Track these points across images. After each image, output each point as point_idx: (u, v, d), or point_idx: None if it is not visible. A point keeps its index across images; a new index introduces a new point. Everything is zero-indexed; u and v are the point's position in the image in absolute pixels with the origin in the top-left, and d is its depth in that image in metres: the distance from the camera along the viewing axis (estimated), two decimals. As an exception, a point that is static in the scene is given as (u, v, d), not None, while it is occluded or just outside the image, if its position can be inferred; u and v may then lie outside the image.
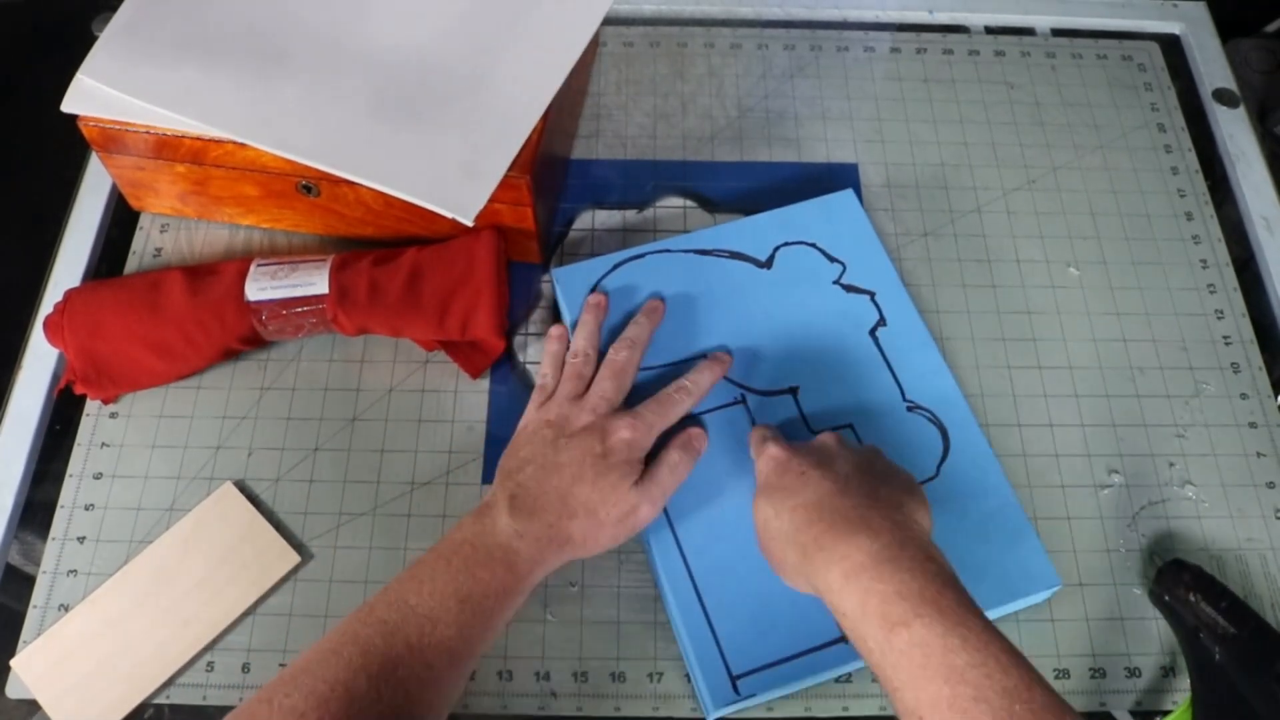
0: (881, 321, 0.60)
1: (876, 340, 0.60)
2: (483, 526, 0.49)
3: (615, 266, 0.61)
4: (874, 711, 0.53)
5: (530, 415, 0.55)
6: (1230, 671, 0.50)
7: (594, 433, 0.52)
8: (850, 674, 0.53)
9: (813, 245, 0.63)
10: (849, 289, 0.61)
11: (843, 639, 0.50)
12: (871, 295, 0.61)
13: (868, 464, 0.50)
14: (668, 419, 0.54)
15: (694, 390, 0.55)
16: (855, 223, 0.64)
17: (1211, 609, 0.51)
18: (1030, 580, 0.53)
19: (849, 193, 0.65)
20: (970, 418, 0.57)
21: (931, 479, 0.55)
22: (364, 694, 0.42)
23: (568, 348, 0.57)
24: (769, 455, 0.51)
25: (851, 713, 0.53)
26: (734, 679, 0.50)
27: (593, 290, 0.60)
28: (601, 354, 0.57)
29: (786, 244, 0.63)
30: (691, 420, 0.56)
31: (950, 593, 0.42)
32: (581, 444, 0.51)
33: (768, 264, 0.62)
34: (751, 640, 0.51)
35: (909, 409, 0.58)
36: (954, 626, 0.40)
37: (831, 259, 0.62)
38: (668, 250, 0.62)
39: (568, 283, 0.61)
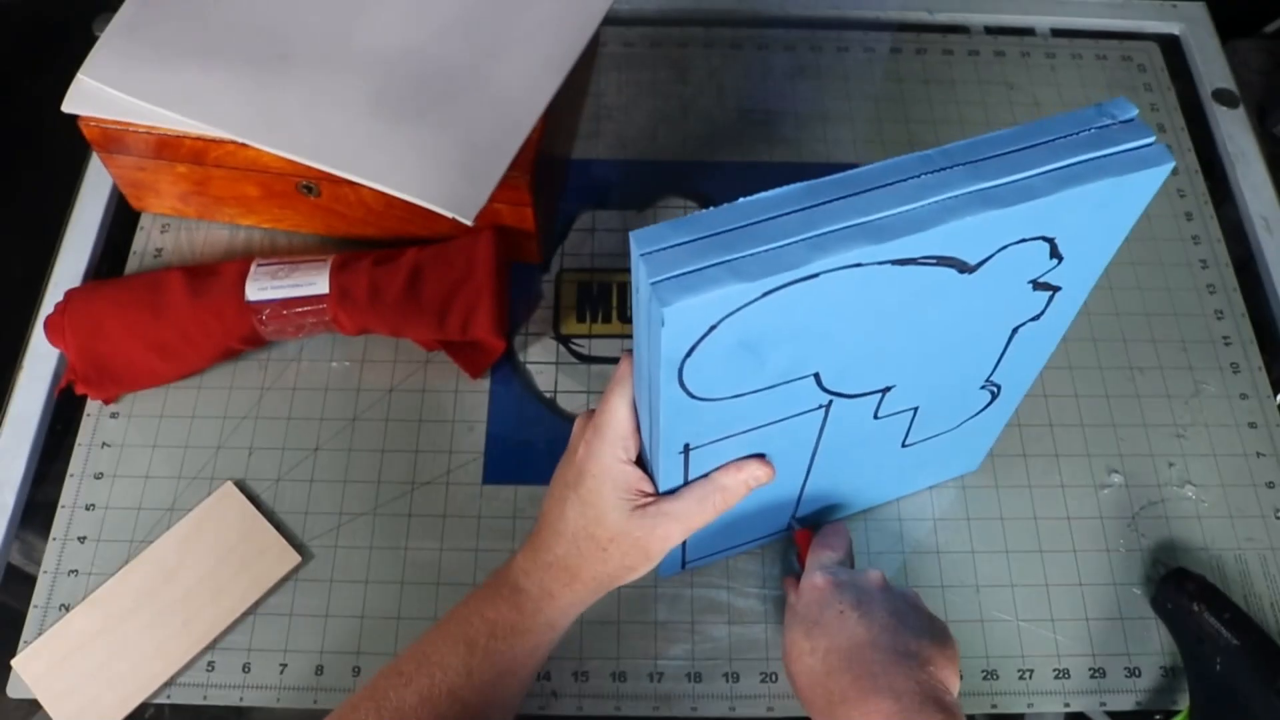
0: (1035, 317, 0.45)
1: (1013, 335, 0.46)
2: (497, 574, 0.48)
3: (766, 294, 0.34)
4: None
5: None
6: (1231, 683, 0.50)
7: (568, 456, 0.48)
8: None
9: (1049, 240, 0.39)
10: (1037, 286, 0.43)
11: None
12: (1055, 292, 0.44)
13: (904, 614, 0.49)
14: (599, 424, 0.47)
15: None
16: (1126, 214, 0.40)
17: (1214, 619, 0.51)
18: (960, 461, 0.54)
19: (1160, 171, 0.37)
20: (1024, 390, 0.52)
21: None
22: None
23: None
24: (813, 584, 0.50)
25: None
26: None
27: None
28: None
29: (1018, 241, 0.39)
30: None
31: None
32: (560, 470, 0.48)
33: (975, 268, 0.39)
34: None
35: (981, 386, 0.50)
36: None
37: (1054, 254, 0.40)
38: (857, 264, 0.35)
39: (678, 321, 0.34)
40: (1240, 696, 0.49)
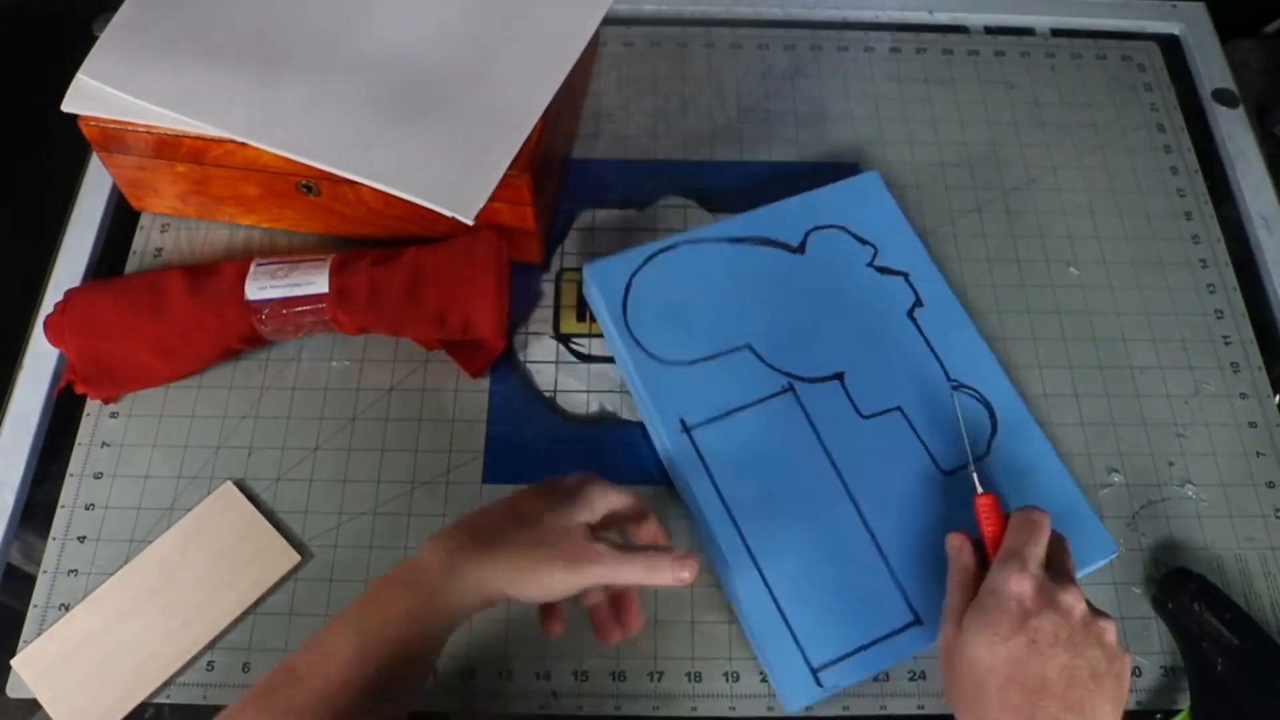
0: (918, 302, 0.61)
1: (915, 321, 0.60)
2: (401, 564, 0.46)
3: (648, 259, 0.61)
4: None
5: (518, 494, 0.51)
6: (1231, 683, 0.50)
7: (550, 498, 0.49)
8: (888, 671, 0.53)
9: (843, 228, 0.63)
10: (883, 271, 0.62)
11: (915, 623, 0.52)
12: (905, 276, 0.62)
13: (1099, 672, 0.45)
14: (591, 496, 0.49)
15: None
16: (883, 205, 0.64)
17: (1215, 620, 0.51)
18: (1089, 549, 0.54)
19: (874, 175, 0.65)
20: (1013, 394, 0.58)
21: (984, 457, 0.56)
22: None
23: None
24: (1015, 591, 0.46)
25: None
26: (815, 671, 0.50)
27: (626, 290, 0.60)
28: None
29: (817, 228, 0.63)
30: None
31: None
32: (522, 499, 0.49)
33: (800, 249, 0.62)
34: (827, 632, 0.51)
35: (955, 388, 0.58)
36: None
37: (863, 241, 0.62)
38: (700, 240, 0.62)
39: (601, 278, 0.60)
40: (1241, 696, 0.49)
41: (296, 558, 0.55)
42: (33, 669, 0.52)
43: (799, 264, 0.61)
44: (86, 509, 0.57)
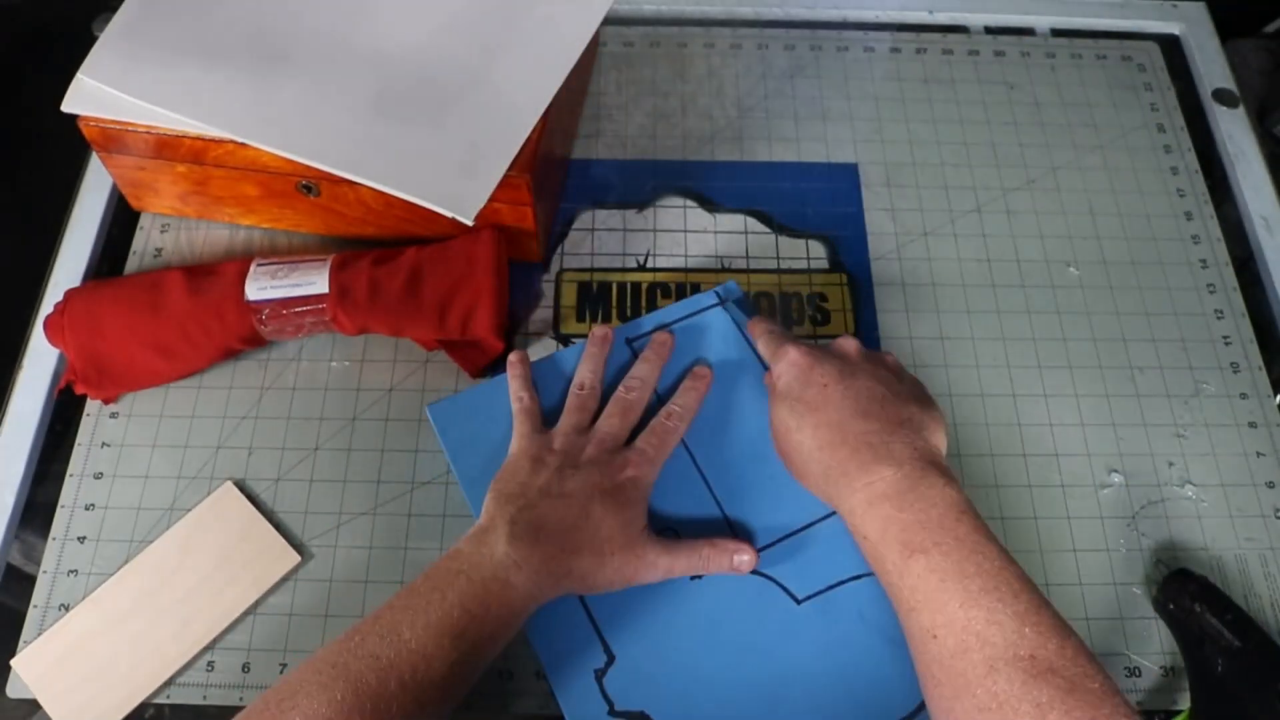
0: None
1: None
2: (480, 555, 0.47)
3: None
4: None
5: (528, 440, 0.53)
6: (1232, 685, 0.50)
7: (601, 467, 0.51)
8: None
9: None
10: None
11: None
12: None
13: (889, 380, 0.50)
14: (667, 449, 0.54)
15: (684, 414, 0.55)
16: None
17: (1216, 621, 0.51)
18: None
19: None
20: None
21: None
22: None
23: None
24: (790, 360, 0.51)
25: None
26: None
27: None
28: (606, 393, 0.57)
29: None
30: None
31: (967, 520, 0.44)
32: (589, 477, 0.50)
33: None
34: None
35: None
36: (970, 554, 0.43)
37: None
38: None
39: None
40: (1241, 698, 0.49)
41: (296, 558, 0.55)
42: (33, 669, 0.52)
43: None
44: (86, 509, 0.57)
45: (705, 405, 0.57)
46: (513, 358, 0.58)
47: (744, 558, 0.51)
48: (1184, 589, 0.53)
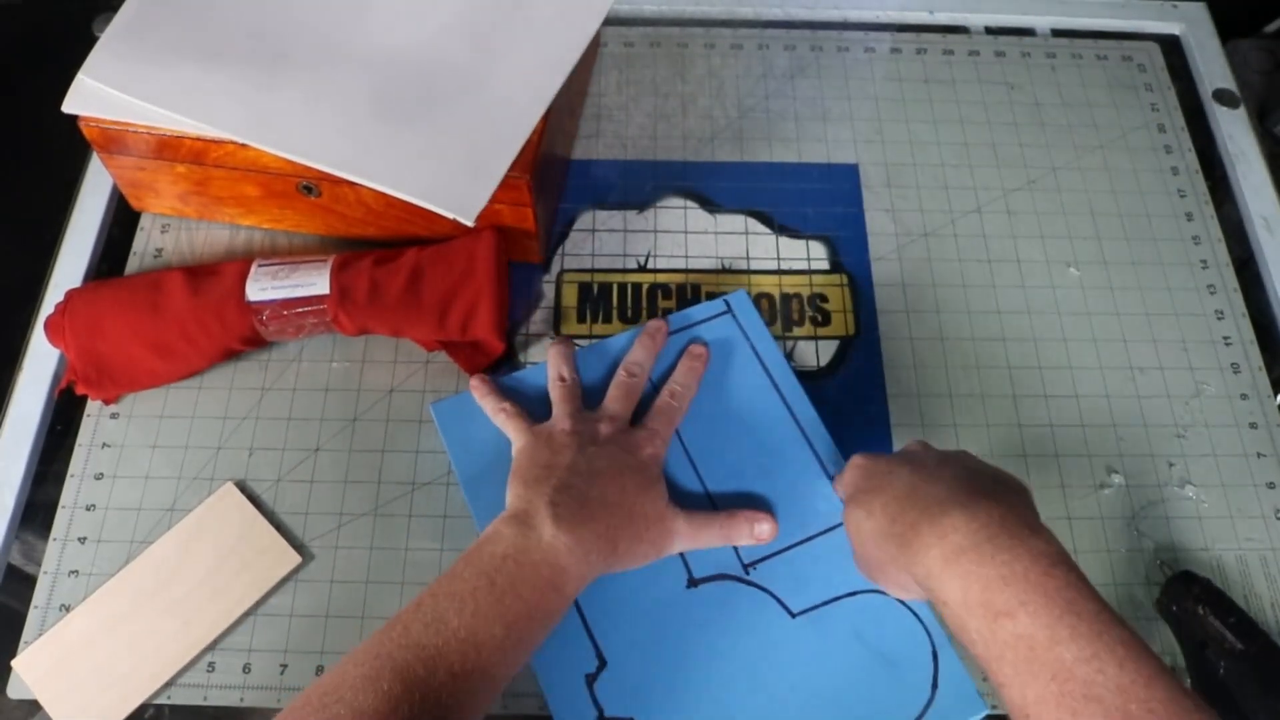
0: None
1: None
2: (526, 540, 0.45)
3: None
4: None
5: (536, 428, 0.53)
6: (1234, 687, 0.50)
7: (622, 444, 0.51)
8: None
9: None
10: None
11: None
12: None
13: (957, 457, 0.46)
14: (673, 428, 0.55)
15: (685, 393, 0.56)
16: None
17: (1220, 624, 0.51)
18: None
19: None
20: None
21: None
22: None
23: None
24: (854, 463, 0.49)
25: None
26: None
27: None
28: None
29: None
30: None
31: (1059, 573, 0.38)
32: (614, 455, 0.50)
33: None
34: None
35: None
36: (1062, 615, 0.37)
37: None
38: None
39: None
40: (1243, 701, 0.49)
41: (297, 559, 0.55)
42: (33, 670, 0.52)
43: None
44: (87, 510, 0.57)
45: (709, 416, 0.57)
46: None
47: (764, 527, 0.52)
48: (1188, 591, 0.53)
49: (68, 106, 0.57)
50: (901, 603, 0.51)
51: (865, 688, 0.50)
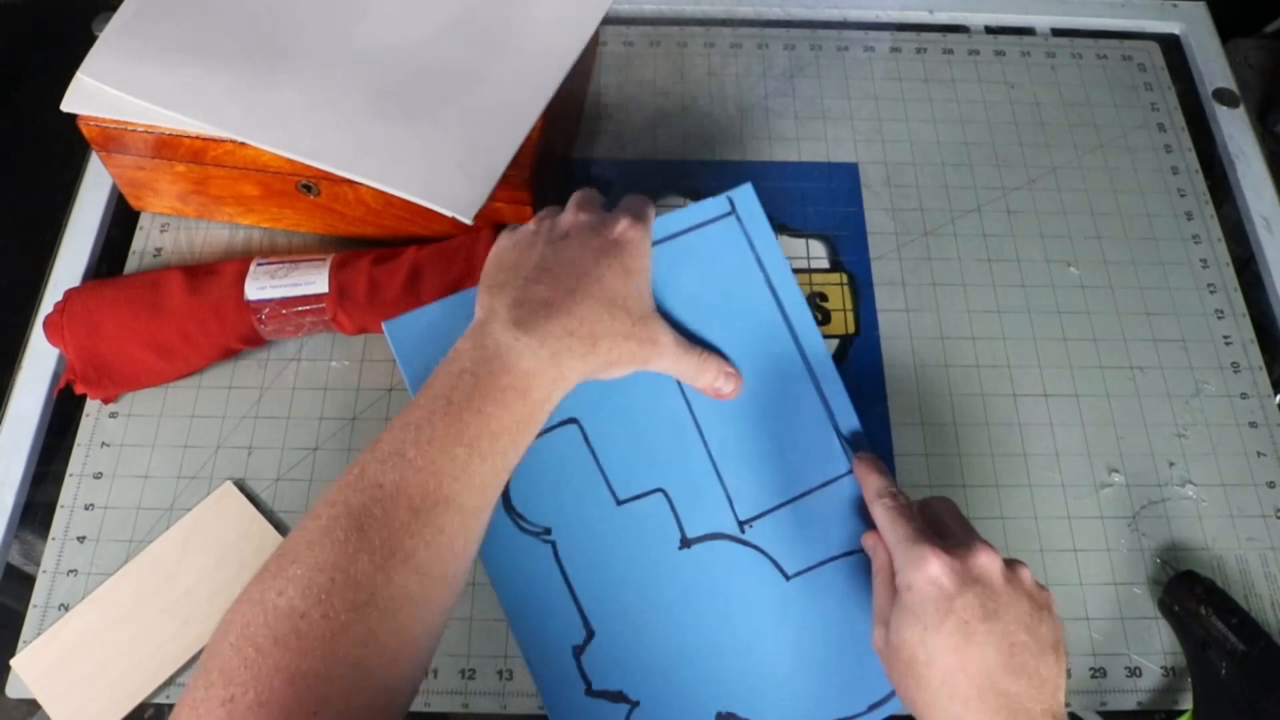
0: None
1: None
2: (483, 349, 0.40)
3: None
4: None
5: (506, 232, 0.48)
6: (1235, 689, 0.50)
7: (594, 227, 0.45)
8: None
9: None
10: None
11: None
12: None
13: (1033, 625, 0.42)
14: (648, 208, 0.49)
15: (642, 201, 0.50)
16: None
17: (1222, 624, 0.51)
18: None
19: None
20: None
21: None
22: (369, 578, 0.35)
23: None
24: (929, 577, 0.42)
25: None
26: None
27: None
28: None
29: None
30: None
31: None
32: (585, 239, 0.44)
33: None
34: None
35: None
36: None
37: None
38: None
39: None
40: (1245, 702, 0.49)
41: (296, 558, 0.55)
42: (32, 669, 0.52)
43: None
44: (86, 509, 0.57)
45: (707, 346, 0.51)
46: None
47: (728, 385, 0.48)
48: (1190, 591, 0.53)
49: (67, 106, 0.57)
50: None
51: (858, 648, 0.49)
